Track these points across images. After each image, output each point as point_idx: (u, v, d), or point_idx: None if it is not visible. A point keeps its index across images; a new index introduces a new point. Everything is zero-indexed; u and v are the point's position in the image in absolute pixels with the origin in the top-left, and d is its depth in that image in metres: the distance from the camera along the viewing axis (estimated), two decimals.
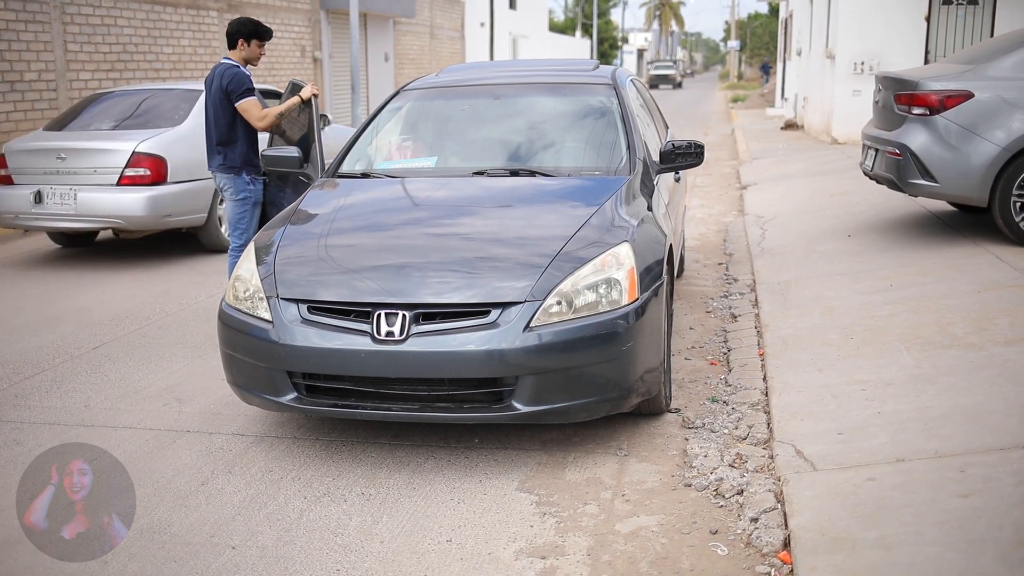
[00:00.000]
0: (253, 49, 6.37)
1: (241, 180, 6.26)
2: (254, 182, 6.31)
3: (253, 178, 6.31)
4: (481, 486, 3.98)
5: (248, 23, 6.35)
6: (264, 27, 6.41)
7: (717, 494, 3.82)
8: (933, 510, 3.32)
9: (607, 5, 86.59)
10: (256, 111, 6.24)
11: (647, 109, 6.57)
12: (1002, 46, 7.36)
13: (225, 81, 6.22)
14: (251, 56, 6.38)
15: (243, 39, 6.31)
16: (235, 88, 6.19)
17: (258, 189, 6.35)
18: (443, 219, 4.81)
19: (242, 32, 6.31)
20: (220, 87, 6.24)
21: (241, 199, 6.27)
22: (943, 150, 6.94)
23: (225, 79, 6.22)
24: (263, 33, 6.37)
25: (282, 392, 4.13)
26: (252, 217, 6.31)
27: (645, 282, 4.22)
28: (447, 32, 31.55)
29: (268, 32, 6.41)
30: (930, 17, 15.69)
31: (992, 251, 6.82)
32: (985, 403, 4.17)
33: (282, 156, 5.77)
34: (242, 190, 6.26)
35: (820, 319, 5.82)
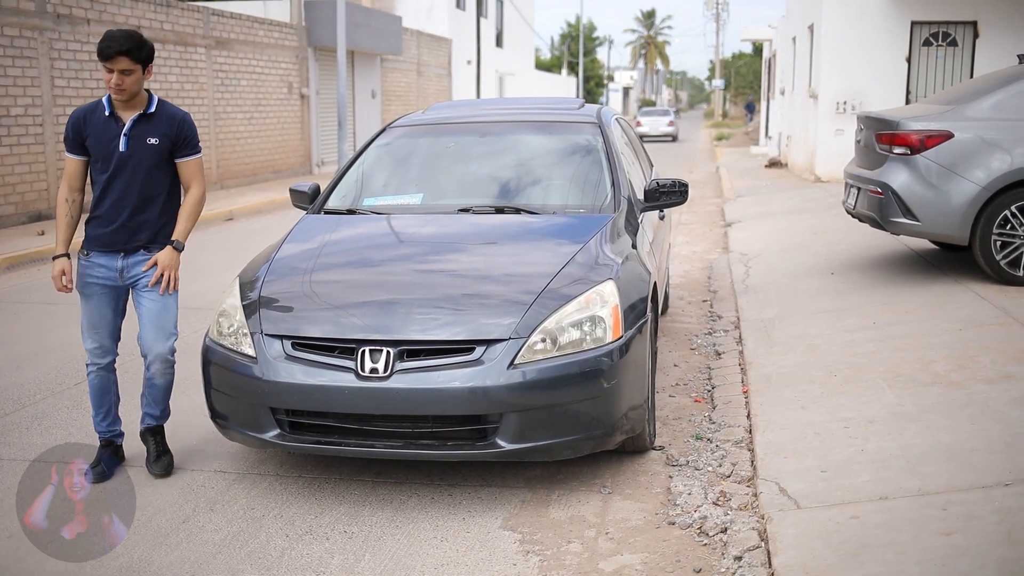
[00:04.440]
0: (105, 76, 4.30)
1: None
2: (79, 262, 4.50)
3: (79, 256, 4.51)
4: (465, 524, 3.96)
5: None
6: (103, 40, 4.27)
7: (701, 532, 3.81)
8: (916, 548, 3.32)
9: (593, 44, 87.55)
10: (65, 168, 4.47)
11: (632, 147, 6.63)
12: (981, 87, 7.47)
13: None
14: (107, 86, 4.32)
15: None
16: None
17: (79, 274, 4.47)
18: (428, 256, 4.83)
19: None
20: None
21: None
22: (924, 189, 7.01)
23: None
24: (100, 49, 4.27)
25: (265, 428, 4.11)
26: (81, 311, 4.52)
27: (629, 319, 4.23)
28: (434, 69, 31.78)
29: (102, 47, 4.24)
30: (911, 58, 15.93)
31: (973, 289, 6.88)
32: (967, 441, 4.19)
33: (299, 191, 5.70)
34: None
35: (804, 356, 5.85)
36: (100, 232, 4.39)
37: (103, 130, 4.32)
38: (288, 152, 20.99)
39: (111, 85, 4.23)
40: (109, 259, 4.39)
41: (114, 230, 4.37)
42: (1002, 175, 6.82)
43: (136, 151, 4.31)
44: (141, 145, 4.32)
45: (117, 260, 4.40)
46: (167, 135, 4.37)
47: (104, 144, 4.31)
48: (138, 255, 4.41)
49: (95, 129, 4.32)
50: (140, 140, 4.31)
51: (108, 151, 4.31)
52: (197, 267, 10.16)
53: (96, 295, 4.43)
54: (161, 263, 4.39)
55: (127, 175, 4.33)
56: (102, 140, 4.31)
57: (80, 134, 4.33)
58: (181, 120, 4.46)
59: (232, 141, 18.56)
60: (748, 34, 36.55)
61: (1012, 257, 6.87)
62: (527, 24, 48.22)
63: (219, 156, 18.07)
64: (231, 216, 14.75)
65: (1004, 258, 6.89)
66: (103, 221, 4.38)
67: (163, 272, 4.38)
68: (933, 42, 15.89)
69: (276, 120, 20.38)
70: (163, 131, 4.36)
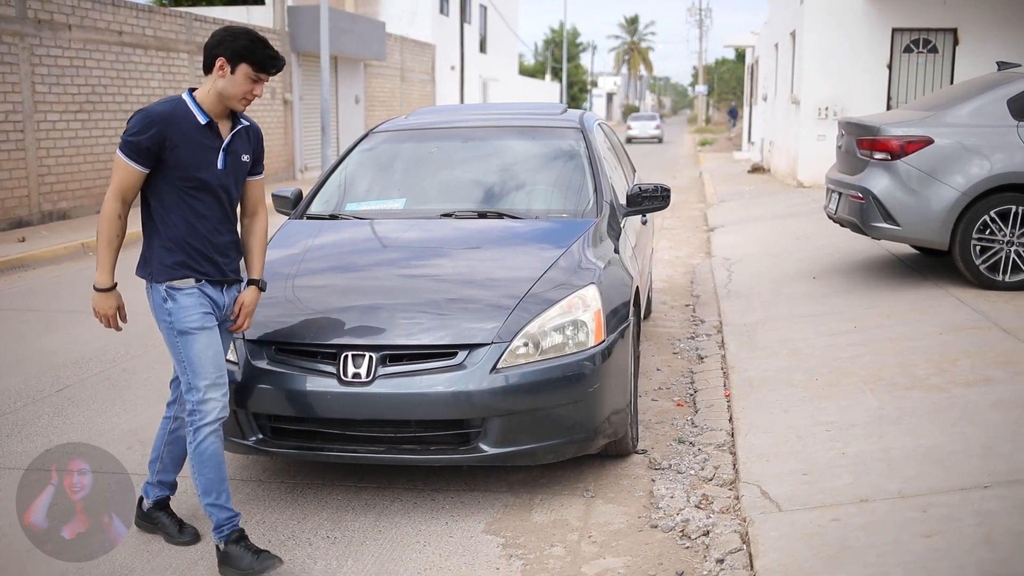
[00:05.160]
0: (237, 81, 3.57)
1: (154, 292, 3.65)
2: (173, 297, 3.60)
3: (171, 290, 3.61)
4: (448, 528, 3.96)
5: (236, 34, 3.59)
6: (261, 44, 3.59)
7: (683, 535, 3.82)
8: (897, 551, 3.34)
9: (577, 50, 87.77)
10: (114, 179, 3.57)
11: (614, 152, 6.65)
12: (961, 93, 7.54)
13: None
14: (228, 92, 3.58)
15: (223, 59, 3.55)
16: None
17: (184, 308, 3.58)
18: (411, 260, 4.82)
19: (220, 50, 3.56)
20: None
21: (161, 323, 3.66)
22: (904, 194, 7.06)
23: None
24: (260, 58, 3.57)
25: (247, 434, 4.10)
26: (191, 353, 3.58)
27: (611, 324, 4.24)
28: (418, 75, 31.79)
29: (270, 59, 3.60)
30: (892, 64, 16.04)
31: (953, 293, 6.93)
32: (947, 444, 4.22)
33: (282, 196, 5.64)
34: (158, 308, 3.65)
35: (786, 361, 5.87)
36: (210, 260, 3.62)
37: (198, 141, 3.56)
38: (271, 157, 20.93)
39: (250, 97, 3.61)
40: (217, 292, 3.68)
41: (226, 260, 3.68)
42: (981, 180, 6.88)
43: (232, 170, 3.68)
44: (236, 163, 3.69)
45: (223, 294, 3.71)
46: (252, 151, 3.80)
47: (199, 157, 3.55)
48: (233, 289, 3.78)
49: (187, 139, 3.53)
50: (236, 157, 3.69)
51: (203, 166, 3.56)
52: None
53: (210, 329, 3.63)
54: (248, 306, 3.79)
55: (225, 197, 3.67)
56: (197, 153, 3.54)
57: (163, 142, 3.48)
58: (259, 133, 3.88)
59: None
60: (731, 40, 36.76)
61: (991, 262, 6.93)
62: (511, 30, 48.29)
63: None
64: None
65: (984, 263, 6.94)
66: (209, 247, 3.62)
67: (248, 317, 3.82)
68: (914, 49, 16.01)
69: (259, 125, 20.33)
70: (252, 147, 3.79)
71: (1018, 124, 6.92)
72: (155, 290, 3.61)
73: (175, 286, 3.58)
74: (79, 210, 14.43)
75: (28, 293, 9.20)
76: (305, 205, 5.58)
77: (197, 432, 3.57)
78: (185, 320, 3.56)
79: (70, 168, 14.31)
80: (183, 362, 3.58)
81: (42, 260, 10.97)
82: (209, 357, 3.57)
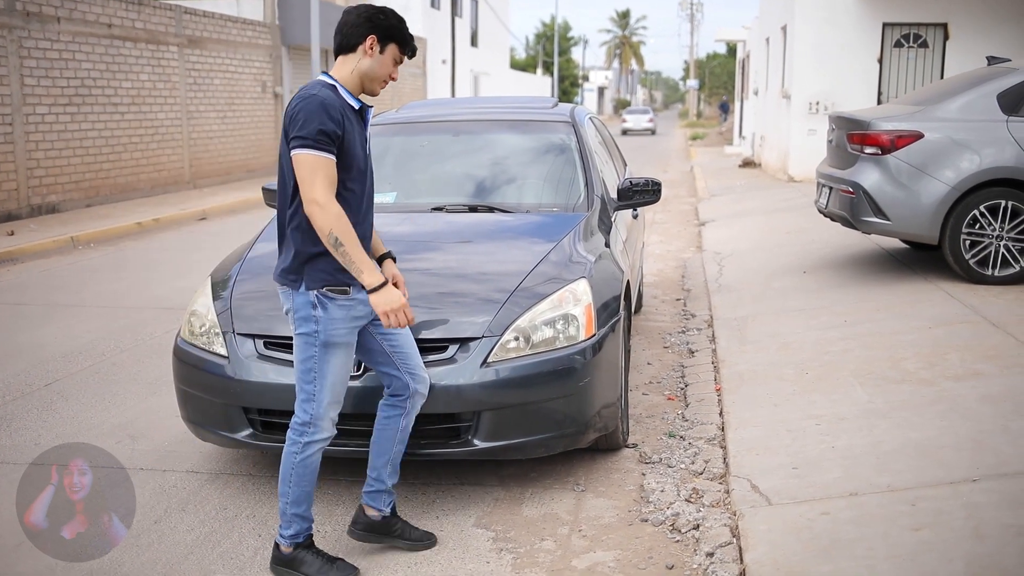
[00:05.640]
0: (384, 62, 3.43)
1: (300, 298, 3.38)
2: (324, 305, 3.35)
3: (323, 297, 3.35)
4: (438, 522, 3.96)
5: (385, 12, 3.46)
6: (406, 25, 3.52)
7: (673, 529, 3.83)
8: (886, 544, 3.35)
9: (568, 44, 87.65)
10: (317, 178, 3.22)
11: (605, 146, 6.64)
12: (951, 88, 7.55)
13: (289, 108, 3.32)
14: (374, 73, 3.41)
15: (374, 36, 3.39)
16: (294, 126, 3.25)
17: (333, 320, 3.36)
18: (401, 254, 4.78)
19: (371, 27, 3.40)
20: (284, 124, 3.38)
21: (302, 333, 3.40)
22: (895, 189, 7.08)
23: (291, 104, 3.32)
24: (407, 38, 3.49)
25: (237, 428, 4.09)
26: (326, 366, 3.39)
27: (602, 318, 4.24)
28: (409, 69, 31.72)
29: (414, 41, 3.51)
30: (882, 59, 16.07)
31: (943, 287, 6.95)
32: (936, 437, 4.23)
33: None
34: (304, 317, 3.38)
35: (776, 355, 5.89)
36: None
37: (355, 127, 3.35)
38: (262, 151, 20.88)
39: (388, 80, 3.46)
40: (364, 295, 3.40)
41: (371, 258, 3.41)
42: (971, 175, 6.89)
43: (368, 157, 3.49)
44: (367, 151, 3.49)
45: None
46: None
47: (358, 147, 3.36)
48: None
49: (350, 126, 3.32)
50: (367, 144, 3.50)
51: (359, 154, 3.36)
52: (169, 267, 10.10)
53: (351, 346, 3.47)
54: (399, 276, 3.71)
55: (369, 185, 3.47)
56: (356, 142, 3.34)
57: (341, 129, 3.26)
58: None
59: (205, 140, 18.45)
60: (722, 35, 36.75)
61: (981, 256, 6.95)
62: (502, 24, 48.21)
63: (192, 155, 17.96)
64: (204, 216, 14.66)
65: (973, 257, 6.96)
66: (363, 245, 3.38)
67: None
68: (904, 43, 16.03)
69: (250, 119, 20.27)
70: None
71: (1008, 119, 6.94)
72: (302, 296, 3.34)
73: (328, 294, 3.33)
74: (68, 204, 14.38)
75: (17, 287, 9.16)
76: None
77: (307, 446, 3.43)
78: (333, 333, 3.35)
79: (59, 161, 14.25)
80: (313, 372, 3.37)
81: (31, 254, 10.93)
82: (342, 376, 3.43)
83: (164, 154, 17.00)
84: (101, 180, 15.23)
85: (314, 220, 3.21)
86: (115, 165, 15.57)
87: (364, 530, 3.72)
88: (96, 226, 12.60)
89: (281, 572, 3.50)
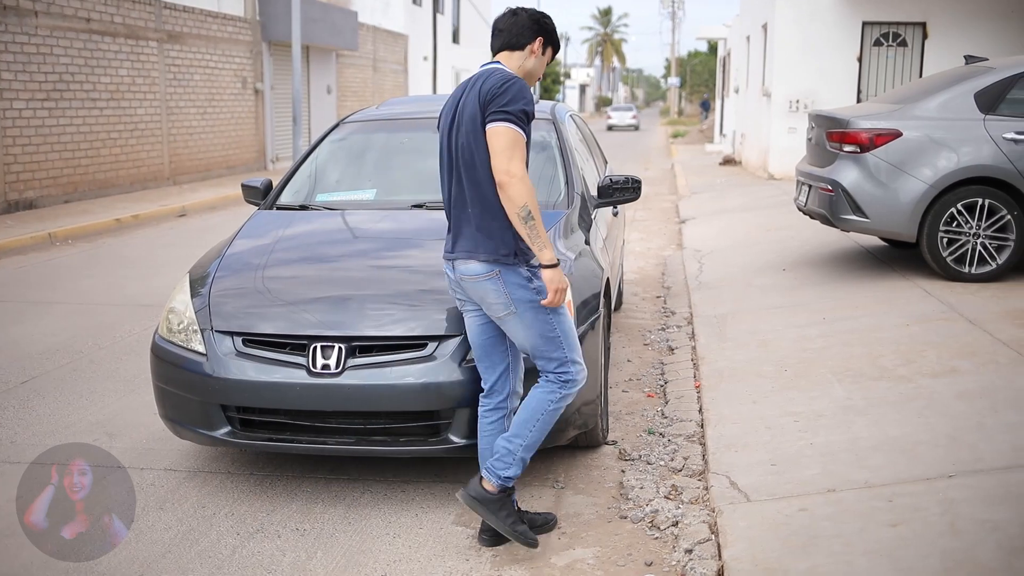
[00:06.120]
0: (543, 63, 3.72)
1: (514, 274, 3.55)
2: (536, 275, 3.56)
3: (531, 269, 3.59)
4: (418, 520, 3.95)
5: (548, 16, 3.69)
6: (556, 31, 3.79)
7: (652, 526, 3.84)
8: (863, 540, 3.38)
9: None
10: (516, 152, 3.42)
11: (586, 144, 6.64)
12: (930, 87, 7.60)
13: (489, 85, 3.48)
14: (535, 72, 3.70)
15: (541, 39, 3.67)
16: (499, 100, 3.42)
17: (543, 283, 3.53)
18: (381, 251, 4.80)
19: (538, 30, 3.66)
20: (479, 98, 3.49)
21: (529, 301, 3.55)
22: (873, 187, 7.12)
23: (491, 82, 3.49)
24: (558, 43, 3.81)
25: (216, 426, 4.07)
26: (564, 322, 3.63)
27: (582, 315, 4.25)
28: (390, 65, 31.64)
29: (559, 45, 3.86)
30: (862, 58, 16.15)
31: (920, 285, 7.00)
32: (913, 434, 4.26)
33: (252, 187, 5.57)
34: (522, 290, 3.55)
35: (755, 352, 5.91)
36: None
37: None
38: (242, 148, 20.78)
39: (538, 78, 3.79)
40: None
41: None
42: (949, 173, 6.94)
43: None
44: None
45: None
46: None
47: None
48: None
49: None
50: None
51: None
52: (148, 264, 10.04)
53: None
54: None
55: None
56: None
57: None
58: None
59: (185, 136, 18.34)
60: (703, 33, 36.86)
61: (958, 254, 7.00)
62: (484, 21, 48.13)
63: (171, 151, 17.85)
64: (184, 212, 14.59)
65: (951, 255, 7.01)
66: None
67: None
68: (884, 42, 16.12)
69: (230, 115, 20.17)
70: None
71: (985, 117, 6.99)
72: (515, 272, 3.53)
73: (534, 264, 3.56)
74: (46, 199, 14.26)
75: None
76: (275, 196, 5.55)
77: (565, 398, 3.62)
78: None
79: (37, 157, 14.13)
80: (557, 337, 3.56)
81: (8, 250, 10.84)
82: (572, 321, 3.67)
83: (143, 150, 16.89)
84: (79, 176, 15.12)
85: (510, 191, 3.39)
86: (93, 161, 15.45)
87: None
88: (74, 222, 12.51)
89: (475, 506, 3.58)
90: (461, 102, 3.56)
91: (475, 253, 3.54)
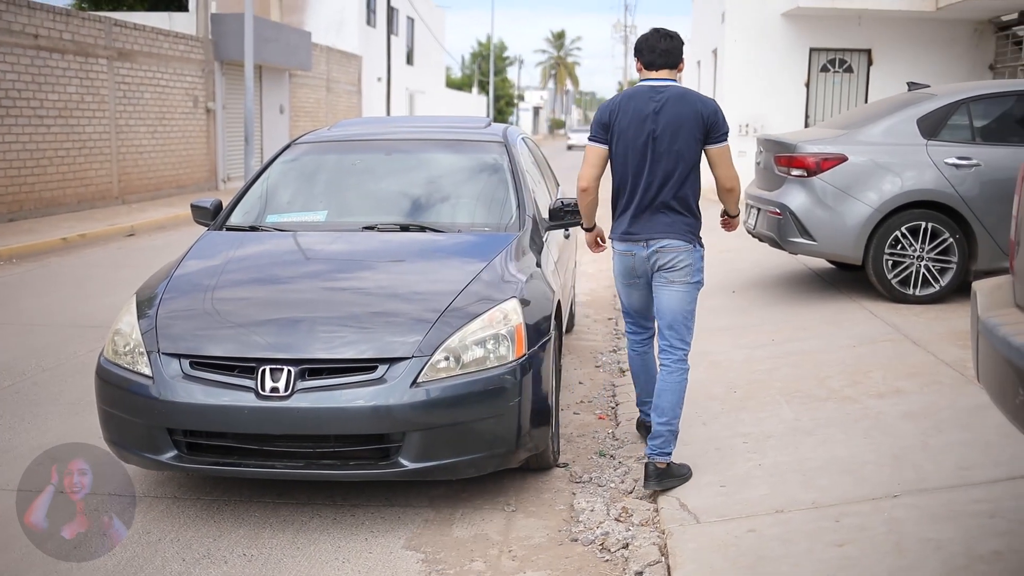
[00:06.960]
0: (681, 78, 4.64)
1: (697, 255, 4.53)
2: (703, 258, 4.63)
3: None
4: (367, 544, 3.92)
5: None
6: None
7: (603, 548, 3.84)
8: (810, 560, 3.41)
9: (504, 63, 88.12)
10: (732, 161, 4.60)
11: (538, 166, 6.68)
12: (874, 112, 7.75)
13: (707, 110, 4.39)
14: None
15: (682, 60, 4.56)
16: (720, 124, 4.42)
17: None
18: (332, 273, 4.78)
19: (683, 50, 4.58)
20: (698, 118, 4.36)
21: (696, 282, 4.52)
22: (820, 210, 7.23)
23: (707, 106, 4.41)
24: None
25: (162, 450, 4.01)
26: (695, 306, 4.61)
27: (533, 337, 4.25)
28: (344, 86, 31.58)
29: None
30: (809, 83, 16.44)
31: (866, 307, 7.11)
32: (859, 454, 4.32)
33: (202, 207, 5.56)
34: (699, 269, 4.54)
35: (705, 373, 5.95)
36: None
37: None
38: (193, 167, 20.58)
39: None
40: None
41: None
42: (893, 197, 7.08)
43: None
44: None
45: None
46: None
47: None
48: None
49: None
50: None
51: None
52: (95, 284, 9.89)
53: None
54: None
55: None
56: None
57: None
58: None
59: (135, 155, 18.12)
60: None
61: (903, 276, 7.13)
62: (438, 42, 48.29)
63: (121, 170, 17.62)
64: (132, 232, 14.39)
65: (895, 277, 7.14)
66: None
67: None
68: (830, 68, 16.44)
69: (181, 134, 19.98)
70: None
71: (927, 143, 7.15)
72: (699, 252, 4.50)
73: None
74: None
75: None
76: (225, 216, 5.50)
77: (686, 373, 4.41)
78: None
79: None
80: (690, 316, 4.46)
81: None
82: None
83: (92, 168, 16.65)
84: (25, 194, 14.85)
85: (738, 191, 4.60)
86: (40, 179, 15.20)
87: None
88: (19, 241, 12.27)
89: (665, 484, 4.20)
90: (662, 111, 4.32)
91: (678, 233, 4.41)
